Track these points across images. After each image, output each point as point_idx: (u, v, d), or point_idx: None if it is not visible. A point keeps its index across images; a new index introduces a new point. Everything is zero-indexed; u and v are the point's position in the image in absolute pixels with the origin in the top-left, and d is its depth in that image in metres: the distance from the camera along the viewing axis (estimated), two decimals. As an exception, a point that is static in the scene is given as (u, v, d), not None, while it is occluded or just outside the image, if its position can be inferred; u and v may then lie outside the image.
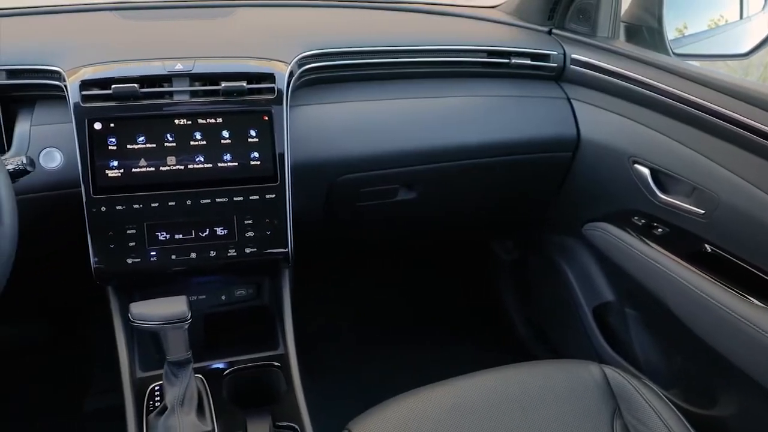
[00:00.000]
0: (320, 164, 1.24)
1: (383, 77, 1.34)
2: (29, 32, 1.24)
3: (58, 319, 1.79)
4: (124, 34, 1.25)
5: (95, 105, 1.07)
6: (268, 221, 1.14)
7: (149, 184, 1.09)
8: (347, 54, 1.27)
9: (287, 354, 1.18)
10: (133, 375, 1.13)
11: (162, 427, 1.00)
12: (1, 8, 1.30)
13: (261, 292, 1.31)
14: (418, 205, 1.42)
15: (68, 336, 1.81)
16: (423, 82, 1.37)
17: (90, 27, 1.27)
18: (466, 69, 1.39)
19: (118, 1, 1.35)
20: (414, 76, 1.36)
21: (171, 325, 0.97)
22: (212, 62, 1.14)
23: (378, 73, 1.33)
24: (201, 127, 1.11)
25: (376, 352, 1.88)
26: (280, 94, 1.14)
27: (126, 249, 1.09)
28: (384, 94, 1.32)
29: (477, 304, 2.10)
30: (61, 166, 1.10)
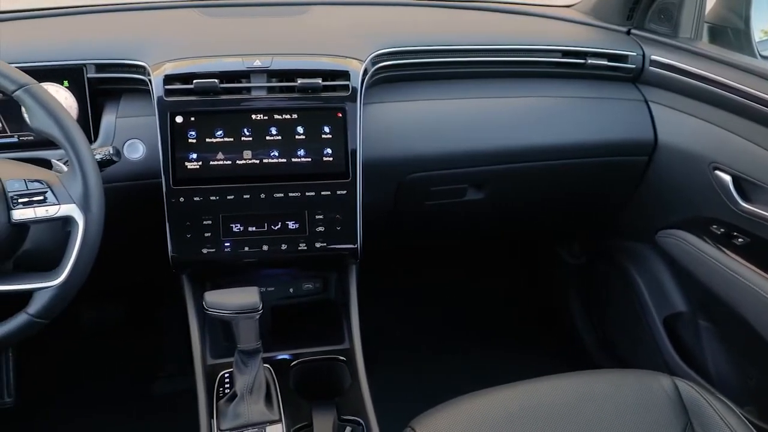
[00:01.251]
0: (390, 162, 1.25)
1: (456, 76, 1.33)
2: (116, 28, 1.30)
3: (133, 303, 1.86)
4: (205, 30, 1.29)
5: (177, 99, 1.11)
6: (339, 217, 1.16)
7: (226, 177, 1.12)
8: (421, 52, 1.27)
9: (353, 349, 1.20)
10: (204, 361, 1.16)
11: (231, 414, 1.03)
12: (90, 5, 1.36)
13: (327, 286, 1.32)
14: (486, 205, 1.40)
15: (141, 320, 1.88)
16: (495, 81, 1.36)
17: (173, 24, 1.32)
18: (540, 69, 1.37)
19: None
20: (487, 75, 1.35)
21: (243, 314, 1.00)
22: (289, 59, 1.16)
23: (451, 72, 1.33)
24: (276, 122, 1.13)
25: (436, 350, 1.88)
26: (354, 91, 1.15)
27: (202, 239, 1.13)
28: (456, 93, 1.32)
29: (539, 307, 2.06)
30: (144, 157, 1.15)
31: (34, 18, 1.31)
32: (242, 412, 1.02)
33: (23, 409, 1.70)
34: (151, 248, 1.21)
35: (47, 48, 1.18)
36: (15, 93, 0.88)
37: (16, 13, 1.32)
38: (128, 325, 1.87)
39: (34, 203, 0.89)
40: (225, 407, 1.05)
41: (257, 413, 1.03)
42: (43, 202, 0.89)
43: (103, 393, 1.74)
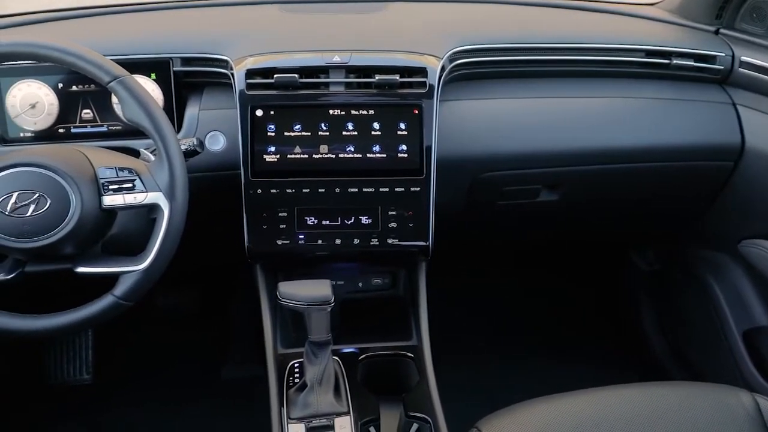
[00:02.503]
0: (464, 160, 1.24)
1: (534, 75, 1.31)
2: (201, 24, 1.34)
3: (206, 291, 1.92)
4: (285, 26, 1.31)
5: (258, 93, 1.14)
6: (412, 213, 1.16)
7: (302, 171, 1.14)
8: (500, 50, 1.26)
9: (421, 346, 1.20)
10: (275, 350, 1.19)
11: (301, 403, 1.05)
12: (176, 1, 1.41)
13: (396, 282, 1.33)
14: (559, 207, 1.38)
15: (212, 308, 1.94)
16: (575, 81, 1.33)
17: (254, 19, 1.34)
18: (622, 69, 1.33)
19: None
20: (566, 74, 1.33)
21: (315, 306, 1.01)
22: (367, 55, 1.17)
23: (529, 71, 1.31)
24: (353, 117, 1.14)
25: (499, 352, 1.86)
26: (431, 88, 1.15)
27: (277, 231, 1.15)
28: (533, 92, 1.30)
29: (608, 313, 2.01)
30: (224, 149, 1.18)
31: (124, 13, 1.37)
32: (312, 402, 1.04)
33: (99, 388, 1.79)
34: (225, 238, 1.24)
35: (136, 42, 1.22)
36: (109, 84, 0.92)
37: (107, 8, 1.38)
38: (200, 313, 1.93)
39: (124, 190, 0.93)
40: (295, 396, 1.07)
41: (326, 404, 1.04)
42: (132, 189, 0.93)
43: (174, 376, 1.80)
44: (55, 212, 0.89)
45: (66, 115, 1.18)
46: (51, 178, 0.90)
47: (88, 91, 1.18)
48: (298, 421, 1.03)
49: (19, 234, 0.89)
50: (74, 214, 0.90)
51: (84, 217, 0.91)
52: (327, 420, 1.03)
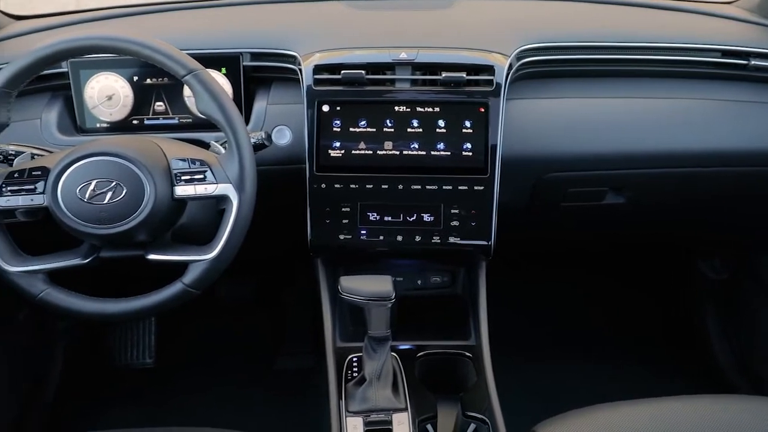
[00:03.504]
0: (529, 160, 1.22)
1: (603, 74, 1.28)
2: (269, 20, 1.36)
3: (263, 282, 1.96)
4: (352, 22, 1.32)
5: (325, 88, 1.15)
6: (474, 212, 1.15)
7: (366, 166, 1.15)
8: (568, 49, 1.23)
9: (480, 346, 1.19)
10: (335, 344, 1.20)
11: (360, 397, 1.06)
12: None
13: (455, 281, 1.32)
14: (625, 210, 1.34)
15: (269, 299, 1.97)
16: (644, 81, 1.29)
17: (322, 15, 1.36)
18: (696, 69, 1.28)
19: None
20: (635, 74, 1.29)
21: (376, 302, 1.01)
22: (434, 52, 1.17)
23: (598, 70, 1.27)
24: (418, 115, 1.14)
25: (557, 356, 1.83)
26: (498, 86, 1.14)
27: (339, 225, 1.16)
28: (601, 92, 1.27)
29: (671, 321, 1.95)
30: (290, 143, 1.19)
31: (196, 9, 1.40)
32: (370, 397, 1.05)
33: (160, 372, 1.85)
34: (286, 231, 1.26)
35: (208, 37, 1.26)
36: (185, 77, 0.95)
37: (180, 3, 1.41)
38: (257, 303, 1.97)
39: (195, 181, 0.96)
40: (353, 390, 1.08)
41: (385, 399, 1.05)
42: (203, 180, 0.96)
43: (230, 364, 1.84)
44: (130, 200, 0.93)
45: (140, 107, 1.22)
46: (128, 168, 0.93)
47: (161, 84, 1.22)
48: (357, 415, 1.04)
49: (96, 220, 0.93)
50: (148, 202, 0.93)
51: (157, 206, 0.94)
52: (385, 415, 1.03)
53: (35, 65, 0.94)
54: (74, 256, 0.98)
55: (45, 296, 0.96)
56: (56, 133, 1.19)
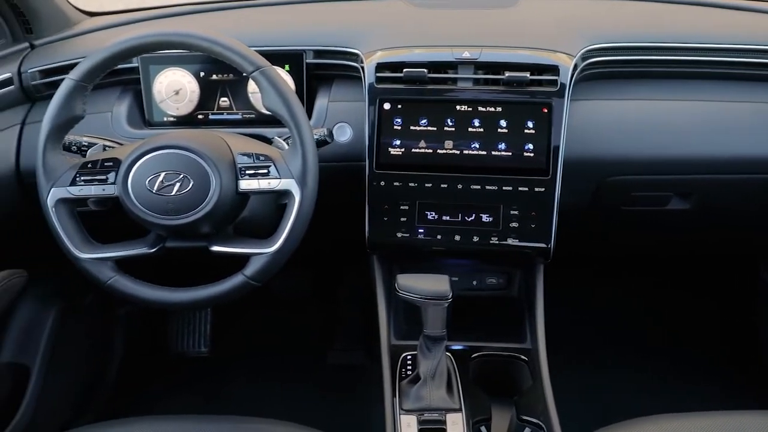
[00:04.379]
0: (592, 162, 1.20)
1: (669, 75, 1.25)
2: (332, 18, 1.37)
3: (317, 277, 1.98)
4: (413, 21, 1.32)
5: (386, 86, 1.15)
6: (534, 214, 1.14)
7: (425, 165, 1.15)
8: (635, 49, 1.21)
9: (537, 350, 1.17)
10: (389, 341, 1.20)
11: (414, 395, 1.06)
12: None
13: (511, 283, 1.31)
14: (690, 216, 1.30)
15: (323, 294, 1.99)
16: (712, 83, 1.25)
17: (383, 14, 1.36)
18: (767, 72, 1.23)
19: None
20: (703, 76, 1.25)
21: (433, 301, 1.01)
22: (497, 51, 1.16)
23: (664, 71, 1.24)
24: (480, 114, 1.14)
25: (612, 363, 1.79)
26: (563, 87, 1.12)
27: (397, 223, 1.17)
28: (668, 93, 1.23)
29: (731, 331, 1.88)
30: (350, 141, 1.20)
31: (260, 6, 1.43)
32: (424, 396, 1.05)
33: (214, 361, 1.89)
34: (343, 227, 1.27)
35: (272, 34, 1.28)
36: (252, 74, 0.96)
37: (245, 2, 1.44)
38: (310, 297, 1.99)
39: (259, 176, 0.97)
40: (407, 388, 1.08)
41: (439, 399, 1.05)
42: (266, 175, 0.97)
43: (283, 357, 1.87)
44: (196, 193, 0.95)
45: (205, 102, 1.25)
46: (195, 161, 0.95)
47: (226, 80, 1.24)
48: (410, 413, 1.04)
49: (163, 211, 0.96)
50: (213, 195, 0.95)
51: (222, 199, 0.96)
52: (438, 415, 1.03)
53: (111, 60, 0.97)
54: (141, 245, 1.01)
55: (113, 283, 0.99)
56: (126, 125, 1.23)
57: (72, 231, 0.99)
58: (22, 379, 1.41)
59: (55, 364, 1.49)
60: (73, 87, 0.97)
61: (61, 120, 0.98)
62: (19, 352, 1.41)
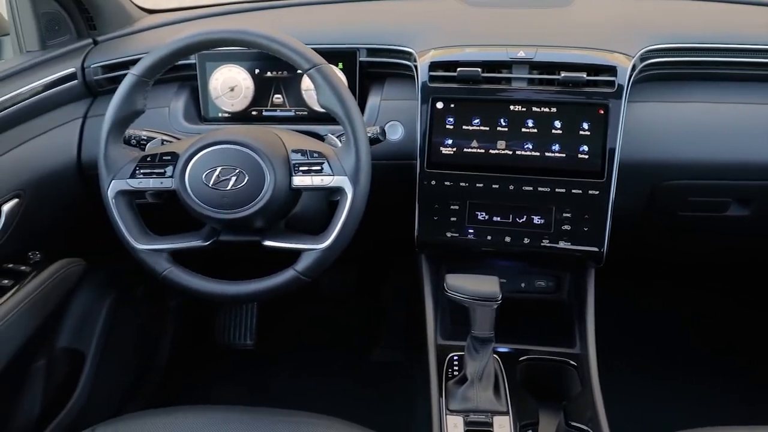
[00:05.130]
0: (648, 165, 1.17)
1: (729, 78, 1.21)
2: (386, 16, 1.37)
3: (362, 274, 1.99)
4: (468, 20, 1.31)
5: (440, 85, 1.15)
6: (587, 217, 1.12)
7: (477, 165, 1.14)
8: (696, 50, 1.17)
9: (587, 356, 1.15)
10: (436, 341, 1.20)
11: (460, 396, 1.05)
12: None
13: (561, 286, 1.29)
14: (749, 224, 1.26)
15: (368, 291, 2.00)
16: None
17: (437, 12, 1.36)
18: None
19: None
20: (765, 78, 1.20)
21: (482, 302, 1.01)
22: (553, 51, 1.14)
23: (726, 74, 1.20)
24: (534, 115, 1.12)
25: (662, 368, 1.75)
26: (620, 88, 1.10)
27: (447, 223, 1.16)
28: (729, 96, 1.19)
29: None
30: (401, 139, 1.20)
31: (314, 5, 1.44)
32: (471, 397, 1.04)
33: (259, 355, 1.92)
34: (392, 226, 1.27)
35: (326, 32, 1.29)
36: (308, 71, 0.97)
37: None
38: (355, 294, 2.00)
39: (312, 172, 0.98)
40: (454, 389, 1.08)
41: (486, 401, 1.04)
42: (320, 172, 0.98)
43: (327, 352, 1.88)
44: (251, 188, 0.96)
45: (259, 99, 1.27)
46: (251, 157, 0.97)
47: (280, 78, 1.26)
48: (457, 414, 1.04)
49: (219, 205, 0.97)
50: (267, 191, 0.96)
51: (275, 194, 0.97)
52: (485, 417, 1.03)
53: (172, 56, 0.99)
54: (196, 238, 1.03)
55: (168, 274, 1.02)
56: (182, 120, 1.26)
57: (130, 222, 1.02)
58: (77, 364, 1.46)
59: (108, 351, 1.53)
60: (135, 82, 1.00)
61: (123, 114, 1.00)
62: (75, 339, 1.45)
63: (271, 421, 0.96)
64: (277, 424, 0.95)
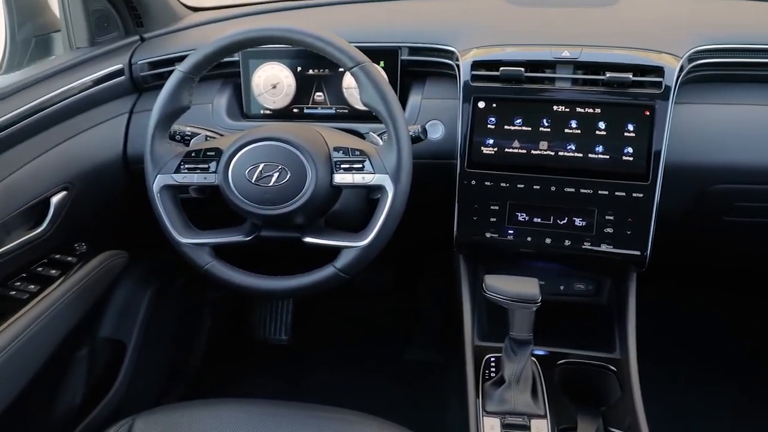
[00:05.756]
0: (694, 169, 1.14)
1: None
2: (427, 15, 1.37)
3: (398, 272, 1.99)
4: (511, 19, 1.30)
5: (482, 84, 1.14)
6: (631, 220, 1.10)
7: (518, 165, 1.13)
8: (749, 51, 1.14)
9: (627, 361, 1.13)
10: (473, 341, 1.19)
11: (498, 398, 1.05)
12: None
13: (600, 290, 1.27)
14: None
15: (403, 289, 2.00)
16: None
17: (480, 11, 1.35)
18: None
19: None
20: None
21: (521, 303, 1.00)
22: (599, 51, 1.12)
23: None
24: (577, 115, 1.11)
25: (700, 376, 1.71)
26: (667, 89, 1.07)
27: (486, 223, 1.15)
28: (781, 99, 1.16)
29: None
30: (442, 138, 1.20)
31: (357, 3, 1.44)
32: (509, 399, 1.03)
33: (293, 350, 1.93)
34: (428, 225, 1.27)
35: (368, 31, 1.29)
36: (352, 69, 0.97)
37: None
38: (391, 292, 2.01)
39: (353, 170, 0.98)
40: (491, 390, 1.07)
41: (523, 403, 1.03)
42: (361, 170, 0.98)
43: (361, 349, 1.89)
44: (293, 184, 0.97)
45: (300, 97, 1.28)
46: (293, 154, 0.97)
47: (322, 75, 1.26)
48: (494, 416, 1.03)
49: (261, 201, 0.99)
50: (309, 187, 0.97)
51: (317, 191, 0.98)
52: (523, 419, 1.02)
53: (218, 53, 1.00)
54: (238, 233, 1.05)
55: (210, 268, 1.03)
56: (225, 117, 1.27)
57: (174, 216, 1.03)
58: (118, 354, 1.49)
59: (148, 342, 1.56)
60: (181, 78, 1.01)
61: (170, 110, 1.02)
62: (117, 329, 1.49)
63: (310, 416, 0.97)
64: (316, 419, 0.96)
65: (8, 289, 1.12)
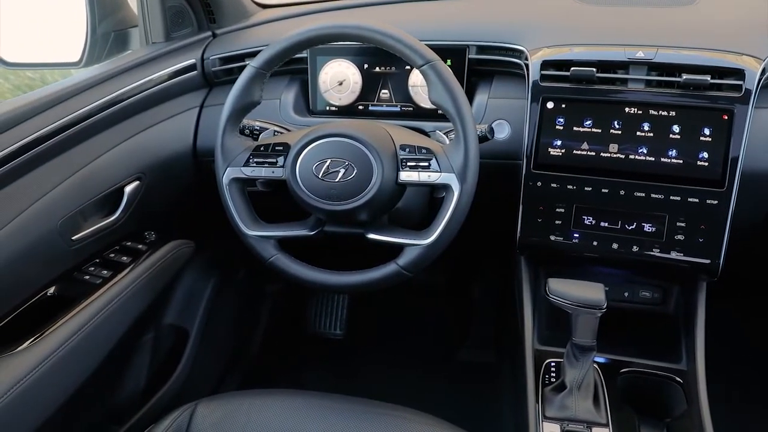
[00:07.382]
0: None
1: None
2: (496, 13, 1.35)
3: (455, 271, 1.98)
4: (582, 18, 1.27)
5: (551, 84, 1.12)
6: (704, 227, 1.06)
7: (586, 168, 1.11)
8: None
9: (695, 373, 1.09)
10: (533, 345, 1.18)
11: (558, 404, 1.03)
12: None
13: (667, 298, 1.23)
14: None
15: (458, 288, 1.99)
16: None
17: (550, 10, 1.32)
18: None
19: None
20: None
21: (586, 309, 0.98)
22: (675, 52, 1.09)
23: None
24: (651, 118, 1.08)
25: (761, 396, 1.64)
26: (748, 93, 1.03)
27: (551, 226, 1.14)
28: None
29: None
30: (508, 138, 1.19)
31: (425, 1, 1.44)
32: (569, 405, 1.02)
33: (347, 345, 1.95)
34: (490, 225, 1.25)
35: (437, 28, 1.28)
36: (422, 67, 0.97)
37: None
38: (446, 291, 2.00)
39: (419, 168, 0.98)
40: (551, 396, 1.05)
41: (584, 411, 1.01)
42: (427, 168, 0.98)
43: (414, 347, 1.89)
44: (359, 181, 0.98)
45: (366, 94, 1.29)
46: (360, 150, 0.98)
47: (388, 73, 1.27)
48: (554, 421, 1.02)
49: (326, 197, 1.00)
50: (375, 184, 0.98)
51: (382, 188, 0.98)
52: (584, 427, 1.00)
53: (290, 49, 1.02)
54: (302, 227, 1.06)
55: (275, 261, 1.05)
56: (292, 112, 1.29)
57: (242, 208, 1.06)
58: (181, 341, 1.54)
59: (209, 330, 1.61)
60: (253, 74, 1.03)
61: (241, 104, 1.04)
62: (181, 316, 1.53)
63: (366, 411, 0.97)
64: (372, 414, 0.96)
65: (83, 273, 1.17)
